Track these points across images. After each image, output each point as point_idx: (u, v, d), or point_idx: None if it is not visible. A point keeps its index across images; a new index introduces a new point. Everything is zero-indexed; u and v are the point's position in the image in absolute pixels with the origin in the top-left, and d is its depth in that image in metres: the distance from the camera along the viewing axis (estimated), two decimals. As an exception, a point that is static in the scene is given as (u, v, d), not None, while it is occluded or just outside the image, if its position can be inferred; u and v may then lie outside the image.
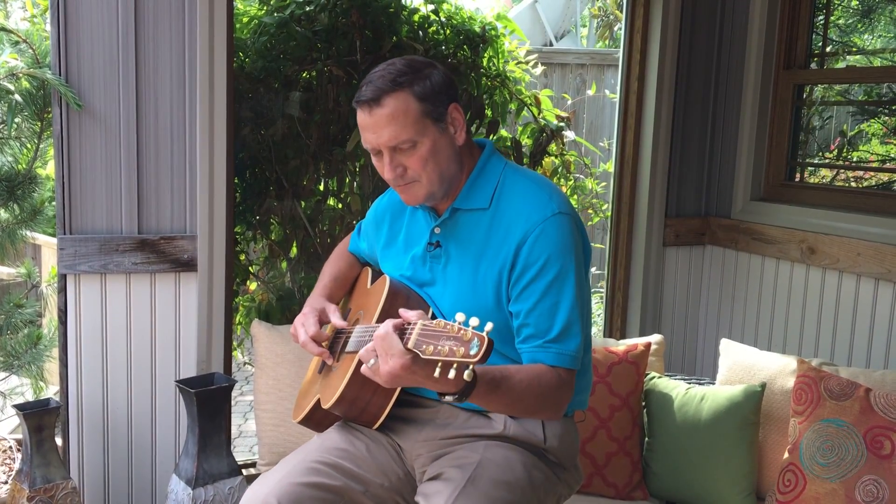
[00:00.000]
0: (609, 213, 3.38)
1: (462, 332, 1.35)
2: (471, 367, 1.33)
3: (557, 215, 1.66)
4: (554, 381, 1.62)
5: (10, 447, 3.16)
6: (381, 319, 1.70)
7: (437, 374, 1.36)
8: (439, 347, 1.35)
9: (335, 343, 1.88)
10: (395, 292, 1.78)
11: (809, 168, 3.34)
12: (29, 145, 2.63)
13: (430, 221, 1.79)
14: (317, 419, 1.86)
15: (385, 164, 1.69)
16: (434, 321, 1.40)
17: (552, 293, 1.64)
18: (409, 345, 1.39)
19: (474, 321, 1.36)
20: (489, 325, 1.36)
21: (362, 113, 1.66)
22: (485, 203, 1.73)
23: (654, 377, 2.57)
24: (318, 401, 1.81)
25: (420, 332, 1.39)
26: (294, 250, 3.47)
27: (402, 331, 1.43)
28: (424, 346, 1.37)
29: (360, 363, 1.66)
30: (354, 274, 2.06)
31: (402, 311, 1.49)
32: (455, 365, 1.33)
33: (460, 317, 1.38)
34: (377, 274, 1.95)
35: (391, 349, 1.41)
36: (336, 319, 1.83)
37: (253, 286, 3.58)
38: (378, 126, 1.65)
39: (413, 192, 1.72)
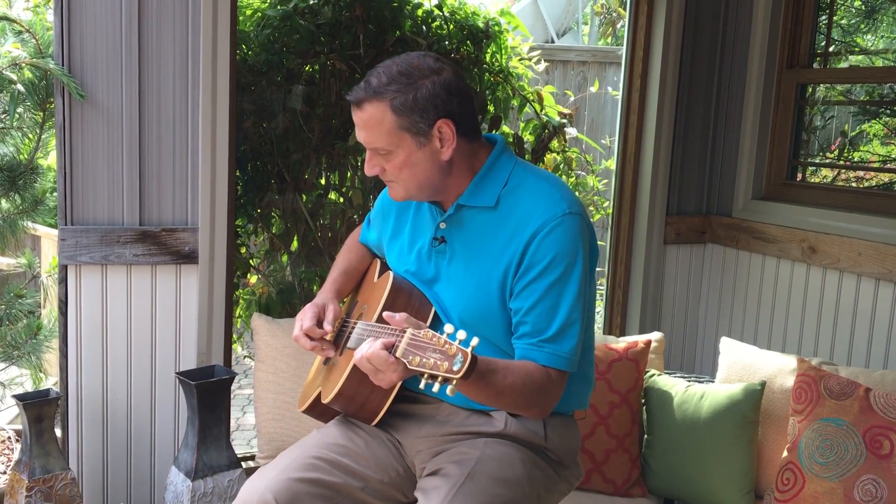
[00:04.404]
0: (610, 211, 3.39)
1: (447, 346, 1.38)
2: (454, 382, 1.37)
3: (567, 215, 1.64)
4: (543, 381, 1.61)
5: (10, 437, 3.17)
6: (381, 317, 1.71)
7: (421, 385, 1.40)
8: (424, 360, 1.38)
9: (340, 335, 1.88)
10: (398, 290, 1.77)
11: (811, 168, 3.34)
12: (31, 135, 2.63)
13: (435, 216, 1.78)
14: (320, 410, 1.86)
15: (366, 161, 1.71)
16: (422, 332, 1.42)
17: (553, 293, 1.62)
18: (398, 353, 1.43)
19: (461, 335, 1.38)
20: (474, 341, 1.38)
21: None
22: (490, 202, 1.70)
23: (653, 374, 2.58)
24: (320, 394, 1.82)
25: (408, 342, 1.42)
26: (295, 244, 3.47)
27: (391, 345, 1.47)
28: (411, 357, 1.40)
29: None
30: (364, 266, 2.05)
31: (386, 314, 1.51)
32: (440, 379, 1.37)
33: (448, 328, 1.41)
34: (385, 267, 1.94)
35: (381, 365, 1.46)
36: (328, 325, 1.82)
37: (253, 279, 3.58)
38: (359, 126, 1.66)
39: (393, 190, 1.74)
